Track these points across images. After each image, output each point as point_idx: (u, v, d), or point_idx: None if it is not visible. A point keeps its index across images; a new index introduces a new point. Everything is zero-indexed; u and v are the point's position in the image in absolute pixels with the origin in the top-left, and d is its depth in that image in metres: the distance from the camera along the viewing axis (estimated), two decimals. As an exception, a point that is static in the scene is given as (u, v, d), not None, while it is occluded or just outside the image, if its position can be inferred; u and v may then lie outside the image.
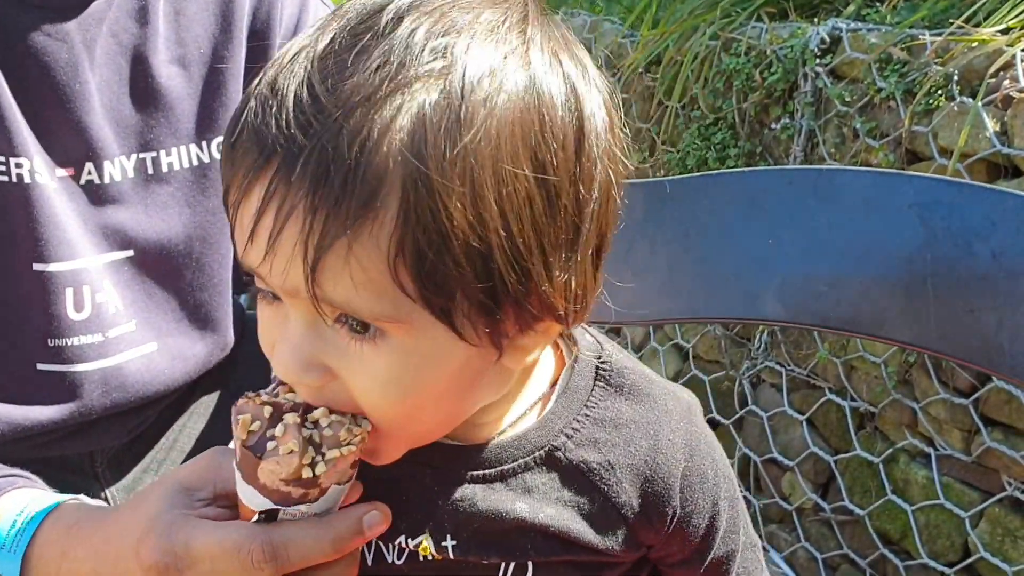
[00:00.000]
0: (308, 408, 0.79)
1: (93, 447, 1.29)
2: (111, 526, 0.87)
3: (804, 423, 2.64)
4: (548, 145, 0.75)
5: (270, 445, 0.78)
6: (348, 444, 0.78)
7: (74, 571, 0.87)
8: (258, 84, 0.75)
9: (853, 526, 2.56)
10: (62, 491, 1.03)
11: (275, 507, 0.80)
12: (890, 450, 2.41)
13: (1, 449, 1.08)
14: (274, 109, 0.72)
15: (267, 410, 0.79)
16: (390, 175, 0.70)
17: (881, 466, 2.42)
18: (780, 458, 2.72)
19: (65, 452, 1.25)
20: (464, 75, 0.72)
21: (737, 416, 2.87)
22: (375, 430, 0.80)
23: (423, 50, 0.72)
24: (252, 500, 0.80)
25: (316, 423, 0.79)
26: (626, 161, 0.84)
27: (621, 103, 0.84)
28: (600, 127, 0.80)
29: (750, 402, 2.83)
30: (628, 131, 0.85)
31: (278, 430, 0.78)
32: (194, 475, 0.88)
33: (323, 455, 0.78)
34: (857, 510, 2.50)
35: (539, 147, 0.74)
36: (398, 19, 0.74)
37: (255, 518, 0.81)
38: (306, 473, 0.78)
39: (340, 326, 0.76)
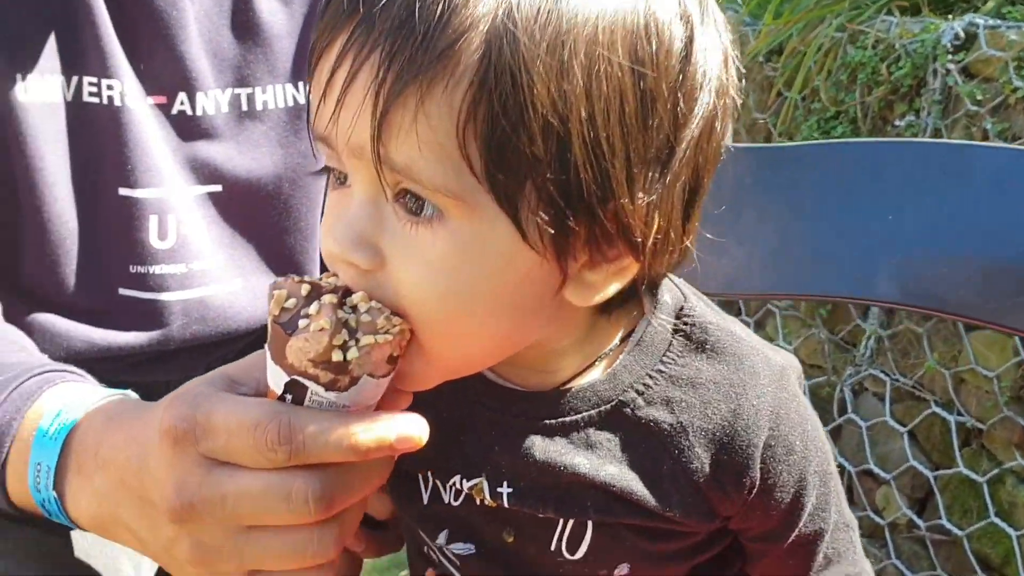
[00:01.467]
0: (348, 292, 0.75)
1: (170, 377, 1.27)
2: (149, 412, 0.85)
3: (905, 435, 2.57)
4: (651, 42, 0.71)
5: (302, 323, 0.73)
6: (385, 332, 0.74)
7: (110, 458, 0.85)
8: None
9: (950, 547, 2.48)
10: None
11: (299, 380, 0.75)
12: (996, 470, 2.33)
13: (78, 368, 1.06)
14: None
15: (305, 288, 0.75)
16: (475, 28, 0.68)
17: (985, 486, 2.33)
18: (876, 470, 2.65)
19: (141, 379, 1.24)
20: None
21: (835, 424, 2.80)
22: (413, 339, 0.76)
23: None
24: (279, 382, 0.76)
25: (355, 308, 0.74)
26: (738, 99, 0.79)
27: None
28: (713, 53, 0.75)
29: (850, 410, 2.76)
30: (743, 69, 0.80)
31: (312, 308, 0.74)
32: (240, 369, 0.84)
33: (357, 340, 0.73)
34: (955, 530, 2.42)
35: (640, 41, 0.71)
36: None
37: (279, 395, 0.76)
38: (336, 356, 0.73)
39: (399, 205, 0.73)
